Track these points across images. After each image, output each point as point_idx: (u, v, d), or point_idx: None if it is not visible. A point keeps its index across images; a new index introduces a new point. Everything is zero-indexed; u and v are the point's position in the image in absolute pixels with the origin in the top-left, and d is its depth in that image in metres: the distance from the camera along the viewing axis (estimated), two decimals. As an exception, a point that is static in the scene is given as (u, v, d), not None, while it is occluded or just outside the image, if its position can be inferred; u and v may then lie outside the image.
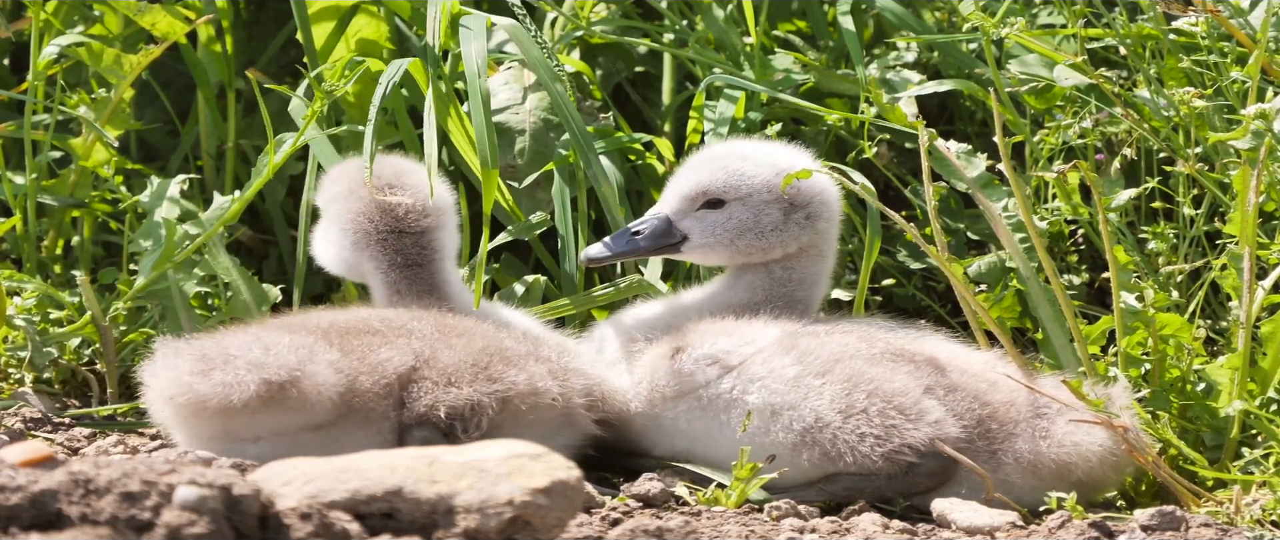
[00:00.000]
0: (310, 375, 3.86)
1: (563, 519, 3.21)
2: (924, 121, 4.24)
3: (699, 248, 4.18)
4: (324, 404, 3.88)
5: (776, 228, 4.17)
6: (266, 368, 3.84)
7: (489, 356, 3.99)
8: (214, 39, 5.02)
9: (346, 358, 3.93)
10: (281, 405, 3.85)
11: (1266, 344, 4.10)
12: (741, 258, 4.19)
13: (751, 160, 4.18)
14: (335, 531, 3.11)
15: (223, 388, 3.84)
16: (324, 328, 4.01)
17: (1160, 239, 4.53)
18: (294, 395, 3.85)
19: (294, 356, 3.87)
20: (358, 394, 3.92)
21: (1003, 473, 4.00)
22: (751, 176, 4.17)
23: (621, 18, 5.06)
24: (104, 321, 4.50)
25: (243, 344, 3.90)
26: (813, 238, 4.19)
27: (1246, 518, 3.89)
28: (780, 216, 4.17)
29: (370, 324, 4.03)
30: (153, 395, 3.98)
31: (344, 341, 3.97)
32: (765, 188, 4.16)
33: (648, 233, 4.18)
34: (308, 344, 3.92)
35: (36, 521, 2.99)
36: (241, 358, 3.86)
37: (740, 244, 4.17)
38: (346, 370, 3.92)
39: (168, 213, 4.59)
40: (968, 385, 4.04)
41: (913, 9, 5.03)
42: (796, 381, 4.01)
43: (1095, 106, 4.59)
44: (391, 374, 3.94)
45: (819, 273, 4.24)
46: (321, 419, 3.89)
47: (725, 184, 4.18)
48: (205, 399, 3.85)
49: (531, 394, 3.99)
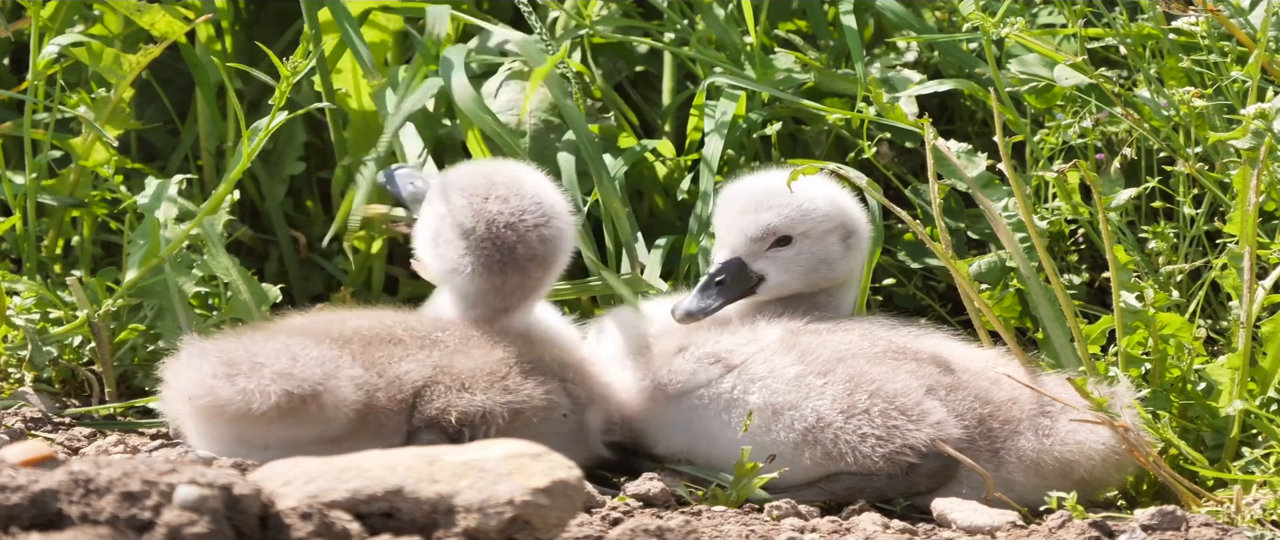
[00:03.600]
0: (332, 391, 3.85)
1: (563, 519, 3.21)
2: (929, 119, 4.24)
3: (775, 286, 4.19)
4: (340, 420, 3.88)
5: (840, 256, 4.20)
6: (291, 379, 3.83)
7: (507, 367, 3.98)
8: (214, 38, 5.02)
9: (367, 372, 3.91)
10: (299, 418, 3.85)
11: (1267, 344, 4.10)
12: (812, 287, 4.21)
13: (806, 195, 4.19)
14: (335, 531, 3.10)
15: (244, 395, 3.83)
16: (348, 336, 3.98)
17: (1160, 239, 4.53)
18: (313, 410, 3.84)
19: (319, 370, 3.86)
20: (374, 410, 3.91)
21: (1005, 471, 4.00)
22: (813, 211, 4.18)
23: (622, 17, 5.06)
24: (97, 321, 4.50)
25: (272, 352, 3.88)
26: (859, 259, 4.25)
27: (1247, 517, 3.88)
28: (840, 244, 4.19)
29: (395, 333, 4.01)
30: (172, 393, 3.97)
31: (366, 353, 3.95)
32: (826, 218, 4.18)
33: (729, 281, 4.18)
34: (333, 357, 3.90)
35: (37, 521, 2.99)
36: (269, 367, 3.84)
37: (814, 277, 4.19)
38: (366, 386, 3.90)
39: (166, 212, 4.59)
40: (970, 384, 4.04)
41: (913, 9, 5.03)
42: (798, 381, 4.02)
43: (1095, 106, 4.59)
44: (409, 389, 3.93)
45: (854, 295, 4.29)
46: (335, 434, 3.88)
47: (791, 221, 4.18)
48: (225, 404, 3.84)
49: (546, 408, 3.98)
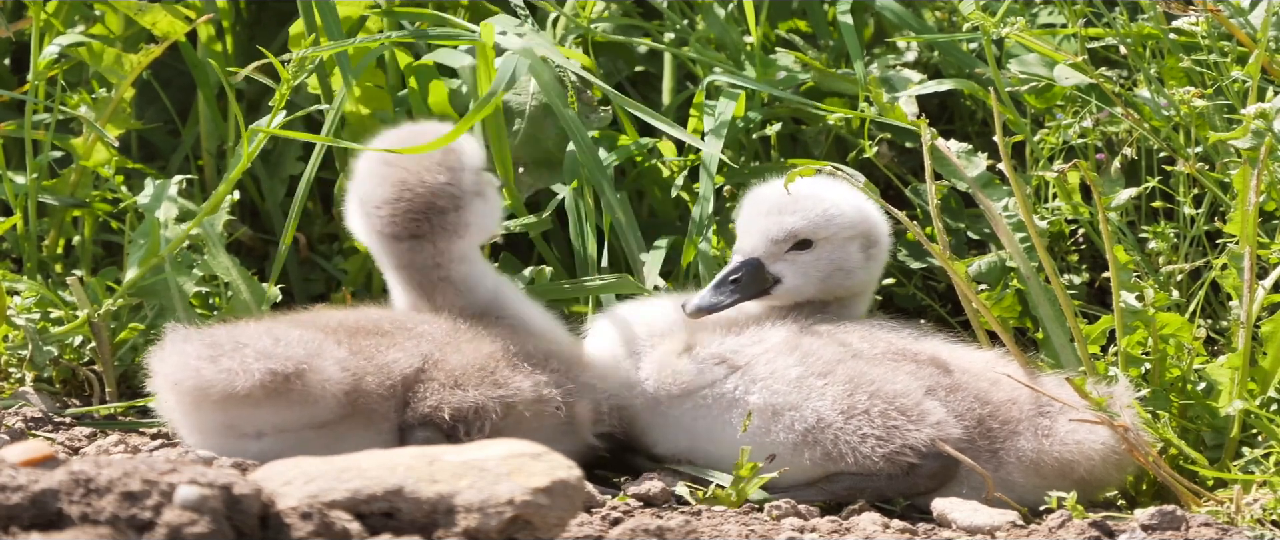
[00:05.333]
0: (316, 370, 3.87)
1: (563, 518, 3.21)
2: (927, 120, 4.24)
3: (790, 289, 4.19)
4: (328, 400, 3.89)
5: (859, 265, 4.20)
6: (274, 358, 3.86)
7: (496, 361, 3.99)
8: (214, 38, 5.02)
9: (354, 357, 3.94)
10: (285, 398, 3.86)
11: (1267, 343, 4.10)
12: (827, 295, 4.20)
13: (832, 201, 4.19)
14: (336, 531, 3.11)
15: (228, 374, 3.85)
16: (333, 326, 4.01)
17: (1160, 238, 4.53)
18: (298, 388, 3.86)
19: (302, 349, 3.88)
20: (362, 394, 3.92)
21: (1005, 472, 4.00)
22: (837, 217, 4.18)
23: (622, 17, 5.06)
24: (98, 320, 4.50)
25: (253, 334, 3.92)
26: (877, 270, 4.25)
27: (1247, 517, 3.88)
28: (860, 253, 4.19)
29: (380, 325, 4.03)
30: (159, 382, 3.99)
31: (353, 341, 3.98)
32: (850, 226, 4.18)
33: (745, 280, 4.18)
34: (317, 340, 3.93)
35: (37, 521, 2.99)
36: (251, 347, 3.87)
37: (830, 283, 4.19)
38: (353, 369, 3.92)
39: (166, 212, 4.59)
40: (969, 385, 4.04)
41: (913, 8, 5.03)
42: (799, 382, 4.02)
43: (1095, 106, 4.59)
44: (397, 376, 3.95)
45: (866, 305, 4.29)
46: (324, 416, 3.90)
47: (814, 226, 4.18)
48: (210, 384, 3.86)
49: (536, 401, 3.99)
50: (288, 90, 4.31)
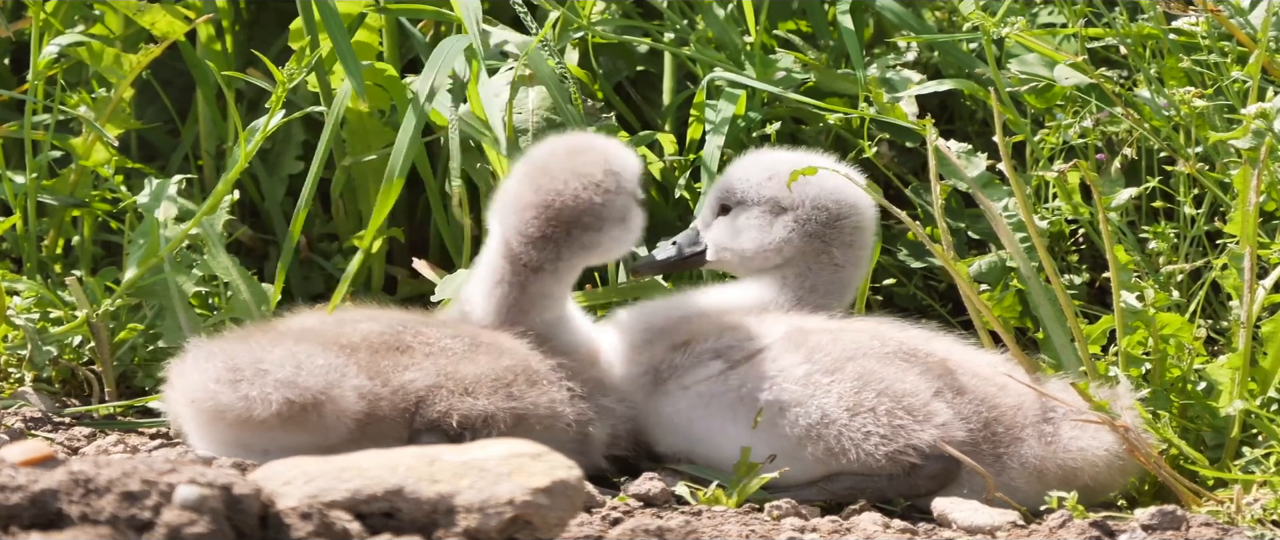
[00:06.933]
0: (334, 400, 3.85)
1: (563, 518, 3.21)
2: (931, 119, 4.24)
3: (714, 259, 4.18)
4: (341, 429, 3.88)
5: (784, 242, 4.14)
6: (294, 387, 3.83)
7: (514, 374, 3.97)
8: (214, 38, 5.02)
9: (372, 382, 3.91)
10: (300, 426, 3.85)
11: (1267, 343, 4.10)
12: (754, 266, 4.17)
13: (750, 162, 4.18)
14: (336, 531, 3.10)
15: (246, 401, 3.83)
16: (357, 343, 3.97)
17: (1161, 239, 4.53)
18: (314, 419, 3.84)
19: (322, 380, 3.85)
20: (376, 420, 3.90)
21: (1007, 476, 3.99)
22: (744, 179, 4.16)
23: (622, 17, 5.06)
24: (97, 320, 4.50)
25: (277, 359, 3.87)
26: (820, 246, 4.18)
27: (1247, 517, 3.88)
28: (778, 220, 4.15)
29: (402, 338, 4.00)
30: (175, 394, 3.97)
31: (372, 362, 3.94)
32: (755, 189, 4.15)
33: (683, 243, 4.19)
34: (339, 366, 3.89)
35: (36, 521, 2.99)
36: (272, 374, 3.85)
37: (758, 261, 4.15)
38: (369, 395, 3.90)
39: (166, 212, 4.59)
40: (977, 388, 4.03)
41: (913, 8, 5.03)
42: (806, 379, 4.00)
43: (1096, 106, 4.59)
44: (412, 397, 3.93)
45: (837, 282, 4.20)
46: (335, 442, 3.88)
47: (724, 189, 4.18)
48: (226, 408, 3.84)
49: (549, 417, 3.98)
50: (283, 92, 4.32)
